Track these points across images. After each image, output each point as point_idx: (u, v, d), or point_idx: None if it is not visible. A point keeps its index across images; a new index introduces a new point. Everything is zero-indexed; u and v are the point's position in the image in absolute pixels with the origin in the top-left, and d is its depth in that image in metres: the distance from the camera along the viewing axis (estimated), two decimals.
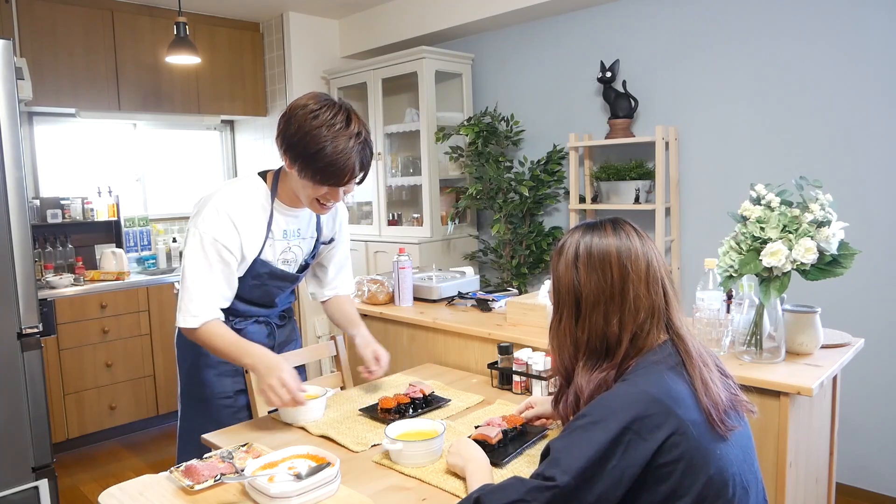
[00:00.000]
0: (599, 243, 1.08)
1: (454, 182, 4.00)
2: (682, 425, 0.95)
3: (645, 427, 0.94)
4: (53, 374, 3.30)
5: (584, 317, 1.08)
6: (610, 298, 1.06)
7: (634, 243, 1.08)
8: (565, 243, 1.12)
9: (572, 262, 1.09)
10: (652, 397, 0.97)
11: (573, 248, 1.10)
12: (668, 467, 0.95)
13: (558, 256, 1.12)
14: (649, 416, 0.95)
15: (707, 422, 0.99)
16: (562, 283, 1.11)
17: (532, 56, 3.70)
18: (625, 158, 3.28)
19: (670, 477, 0.95)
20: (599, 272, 1.07)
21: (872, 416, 2.65)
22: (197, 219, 1.65)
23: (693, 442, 0.96)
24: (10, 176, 2.13)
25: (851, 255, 1.64)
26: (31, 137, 3.79)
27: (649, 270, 1.07)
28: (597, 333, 1.08)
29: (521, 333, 2.12)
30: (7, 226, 2.12)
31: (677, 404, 0.97)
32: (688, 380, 1.02)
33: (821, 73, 2.69)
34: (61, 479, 3.00)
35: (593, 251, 1.08)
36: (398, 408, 1.70)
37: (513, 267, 3.58)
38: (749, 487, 1.03)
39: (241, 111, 4.32)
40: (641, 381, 1.01)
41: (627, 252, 1.07)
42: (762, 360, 1.71)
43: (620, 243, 1.08)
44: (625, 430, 0.95)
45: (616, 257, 1.07)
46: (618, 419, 0.95)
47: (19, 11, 3.38)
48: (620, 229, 1.10)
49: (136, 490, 1.33)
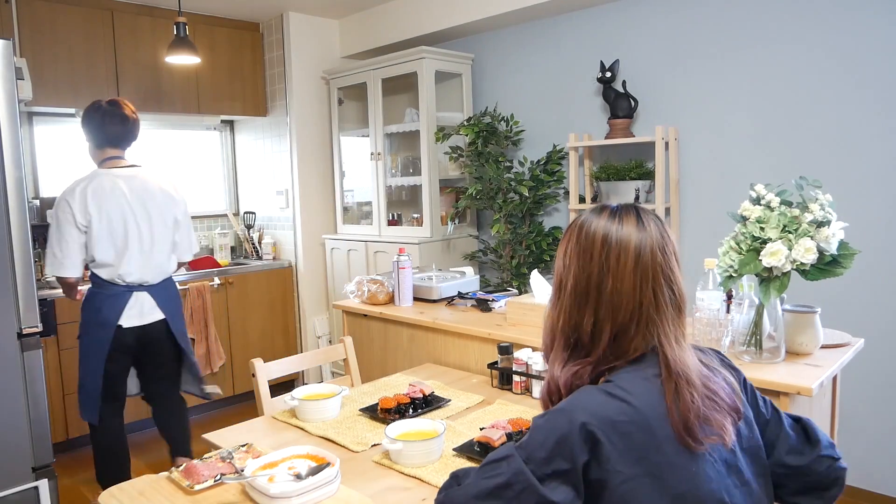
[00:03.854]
0: (590, 226, 1.01)
1: (454, 182, 4.00)
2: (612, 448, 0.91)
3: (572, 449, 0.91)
4: (53, 374, 3.30)
5: (561, 301, 1.04)
6: (585, 288, 1.00)
7: (629, 231, 0.98)
8: (570, 223, 1.07)
9: (565, 242, 1.05)
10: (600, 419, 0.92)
11: (569, 228, 1.06)
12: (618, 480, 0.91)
13: (562, 238, 1.08)
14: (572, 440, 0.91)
15: (676, 438, 0.93)
16: (556, 265, 1.07)
17: (532, 56, 3.70)
18: (625, 158, 3.28)
19: (636, 495, 0.91)
20: (582, 258, 1.00)
21: (872, 416, 2.65)
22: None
23: (656, 459, 0.91)
24: (10, 176, 2.13)
25: (851, 255, 1.64)
26: (31, 137, 3.79)
27: (639, 263, 0.97)
28: (567, 322, 1.02)
29: (521, 333, 2.12)
30: (7, 226, 2.12)
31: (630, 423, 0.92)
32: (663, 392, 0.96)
33: (820, 73, 2.69)
34: (61, 479, 3.00)
35: (582, 233, 1.01)
36: (398, 408, 1.70)
37: (513, 267, 3.59)
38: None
39: (240, 111, 4.32)
40: (618, 392, 0.95)
41: (616, 240, 0.98)
42: (762, 360, 1.71)
43: (611, 229, 0.99)
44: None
45: (600, 244, 0.99)
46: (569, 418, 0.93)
47: (19, 11, 3.38)
48: (623, 214, 1.01)
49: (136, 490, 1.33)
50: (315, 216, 4.37)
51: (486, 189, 3.55)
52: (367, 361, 2.63)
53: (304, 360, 2.13)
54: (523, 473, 0.92)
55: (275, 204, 4.46)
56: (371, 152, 4.04)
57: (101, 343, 2.52)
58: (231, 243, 4.53)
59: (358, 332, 2.72)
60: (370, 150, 4.05)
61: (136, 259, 2.55)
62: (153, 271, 2.60)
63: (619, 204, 1.05)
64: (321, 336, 4.39)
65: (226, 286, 4.00)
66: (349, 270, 4.12)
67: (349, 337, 2.24)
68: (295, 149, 4.25)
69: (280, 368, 2.01)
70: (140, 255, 2.56)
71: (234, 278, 4.03)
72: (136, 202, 2.55)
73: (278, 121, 4.35)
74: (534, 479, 0.91)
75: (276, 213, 4.46)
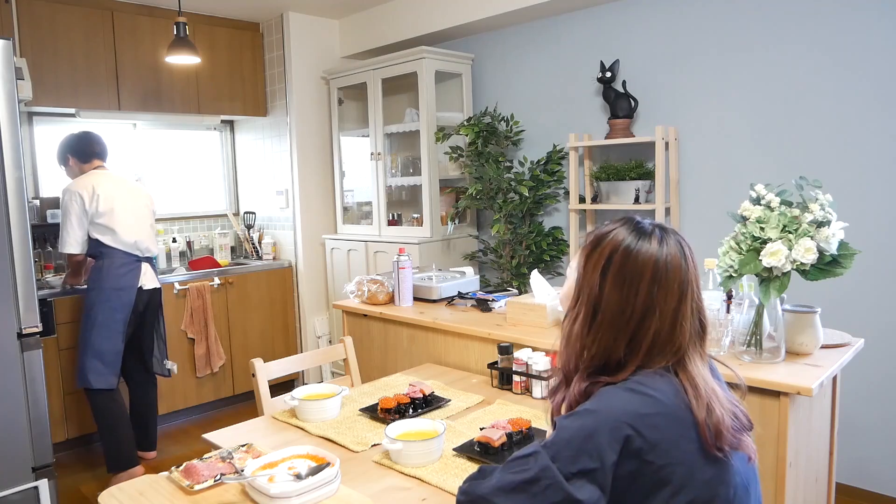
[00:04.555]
0: (637, 256, 0.99)
1: (454, 182, 4.00)
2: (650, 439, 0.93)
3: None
4: (53, 374, 3.30)
5: (598, 328, 1.02)
6: (626, 323, 0.99)
7: (677, 263, 0.98)
8: (603, 239, 1.03)
9: (602, 266, 1.01)
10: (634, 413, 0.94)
11: (608, 250, 1.01)
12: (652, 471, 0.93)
13: (591, 250, 1.04)
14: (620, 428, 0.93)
15: (701, 443, 0.95)
16: (585, 282, 1.04)
17: (532, 56, 3.70)
18: (625, 158, 3.28)
19: (670, 480, 0.93)
20: (626, 290, 0.99)
21: (872, 416, 2.65)
22: None
23: (686, 446, 0.94)
24: (10, 176, 2.13)
25: (851, 255, 1.64)
26: (31, 137, 3.79)
27: (681, 305, 0.99)
28: (602, 349, 1.02)
29: (521, 333, 2.12)
30: (7, 226, 2.12)
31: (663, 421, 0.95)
32: (688, 403, 0.97)
33: (820, 73, 2.69)
34: (61, 479, 3.00)
35: (628, 263, 0.99)
36: (398, 408, 1.70)
37: (513, 267, 3.59)
38: (749, 486, 1.02)
39: (240, 111, 4.32)
40: (641, 388, 0.97)
41: (664, 276, 0.98)
42: (762, 360, 1.71)
43: (659, 263, 0.98)
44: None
45: (649, 280, 0.98)
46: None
47: (19, 11, 3.38)
48: (667, 242, 0.99)
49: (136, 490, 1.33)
50: (315, 216, 4.37)
51: (486, 189, 3.55)
52: (367, 361, 2.64)
53: (304, 360, 2.13)
54: (550, 470, 0.93)
55: (275, 204, 4.46)
56: (371, 152, 4.04)
57: (124, 305, 2.99)
58: (231, 243, 4.53)
59: (358, 332, 2.72)
60: (370, 150, 4.05)
61: (147, 234, 3.14)
62: (154, 247, 3.22)
63: (655, 224, 1.03)
64: (321, 336, 4.39)
65: (226, 286, 4.00)
66: (349, 270, 4.12)
67: (349, 337, 2.24)
68: (295, 149, 4.25)
69: (280, 368, 2.01)
70: (149, 230, 3.17)
71: (234, 278, 4.03)
72: (132, 193, 3.13)
73: (278, 121, 4.35)
74: (560, 476, 0.92)
75: (276, 213, 4.46)
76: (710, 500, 0.95)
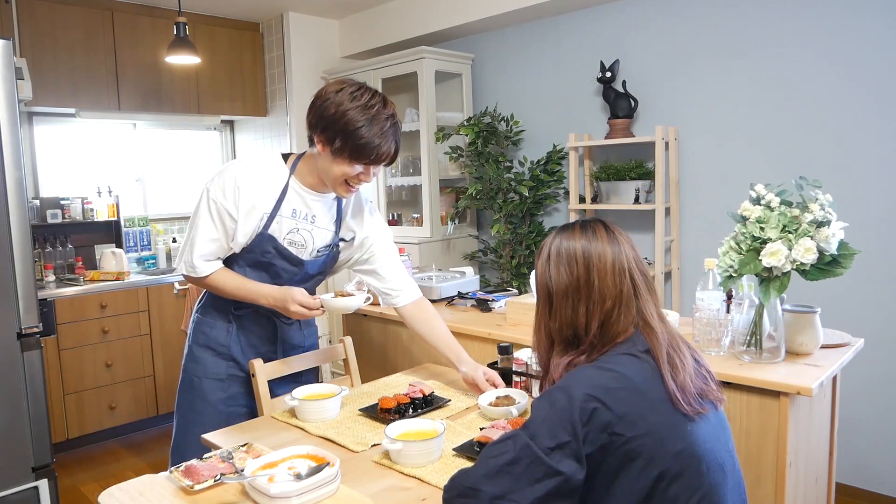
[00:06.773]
0: (567, 243, 1.18)
1: (454, 182, 4.00)
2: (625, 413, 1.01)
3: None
4: (53, 374, 3.30)
5: (556, 308, 1.17)
6: (576, 290, 1.15)
7: (601, 240, 1.16)
8: (542, 245, 1.23)
9: (545, 261, 1.20)
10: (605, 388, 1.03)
11: (546, 249, 1.20)
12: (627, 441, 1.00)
13: (537, 258, 1.23)
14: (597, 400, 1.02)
15: (671, 401, 1.04)
16: (538, 280, 1.21)
17: (532, 56, 3.70)
18: (625, 158, 3.28)
19: (640, 452, 1.00)
20: (566, 267, 1.16)
21: (872, 416, 2.65)
22: (210, 180, 1.76)
23: (653, 419, 1.01)
24: (10, 176, 2.13)
25: (851, 255, 1.64)
26: (31, 137, 3.79)
27: (615, 263, 1.15)
28: (566, 322, 1.16)
29: (521, 333, 2.12)
30: (7, 226, 2.12)
31: (629, 392, 1.03)
32: (653, 364, 1.07)
33: (820, 73, 2.69)
34: (61, 479, 3.00)
35: (562, 250, 1.18)
36: (398, 408, 1.70)
37: (513, 267, 3.58)
38: (724, 465, 1.07)
39: (240, 111, 4.32)
40: (608, 366, 1.07)
41: (593, 249, 1.16)
42: (762, 360, 1.71)
43: (587, 242, 1.17)
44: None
45: (581, 253, 1.16)
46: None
47: (19, 11, 3.38)
48: (589, 229, 1.19)
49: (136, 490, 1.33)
50: None
51: (486, 189, 3.55)
52: (367, 361, 2.63)
53: (303, 360, 2.13)
54: (529, 448, 1.00)
55: None
56: None
57: None
58: None
59: (358, 332, 2.72)
60: None
61: None
62: None
63: (577, 221, 1.22)
64: (321, 336, 4.39)
65: None
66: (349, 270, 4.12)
67: (349, 337, 2.24)
68: (295, 149, 4.25)
69: (280, 368, 2.01)
70: None
71: None
72: None
73: (278, 121, 4.35)
74: (540, 451, 0.99)
75: None
76: (680, 472, 1.00)
